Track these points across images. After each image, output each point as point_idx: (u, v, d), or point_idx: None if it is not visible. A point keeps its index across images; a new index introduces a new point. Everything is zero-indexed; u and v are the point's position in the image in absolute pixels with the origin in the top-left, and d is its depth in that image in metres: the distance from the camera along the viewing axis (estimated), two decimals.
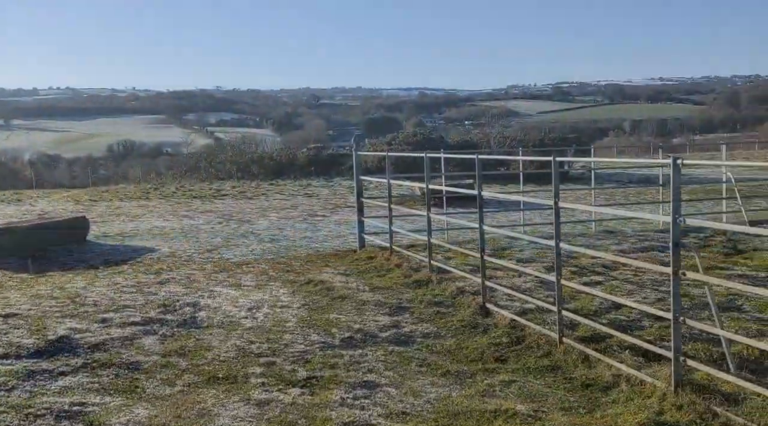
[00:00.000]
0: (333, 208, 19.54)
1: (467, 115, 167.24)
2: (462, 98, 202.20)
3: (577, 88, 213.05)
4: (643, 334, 6.23)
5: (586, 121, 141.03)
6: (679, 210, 4.74)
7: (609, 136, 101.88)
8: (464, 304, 7.66)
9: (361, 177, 11.76)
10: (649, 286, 8.10)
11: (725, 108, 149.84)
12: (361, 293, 8.47)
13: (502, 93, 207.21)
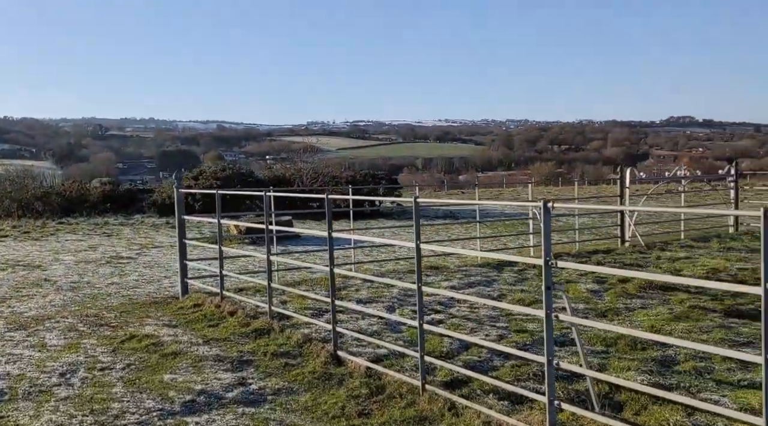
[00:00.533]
0: (139, 249, 17.94)
1: (268, 149, 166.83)
2: (262, 133, 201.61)
3: (373, 127, 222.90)
4: (499, 375, 6.26)
5: (383, 158, 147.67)
6: (550, 252, 4.81)
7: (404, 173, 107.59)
8: (313, 353, 7.22)
9: (185, 216, 10.83)
10: (487, 323, 8.29)
11: (502, 148, 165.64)
12: (195, 347, 7.66)
13: (302, 128, 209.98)
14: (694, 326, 7.71)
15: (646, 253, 13.89)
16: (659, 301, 9.28)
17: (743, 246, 14.55)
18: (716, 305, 8.95)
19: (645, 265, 12.30)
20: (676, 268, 11.67)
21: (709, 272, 11.24)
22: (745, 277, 10.89)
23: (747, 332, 7.53)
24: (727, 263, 12.08)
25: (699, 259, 12.72)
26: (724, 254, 13.41)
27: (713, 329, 7.59)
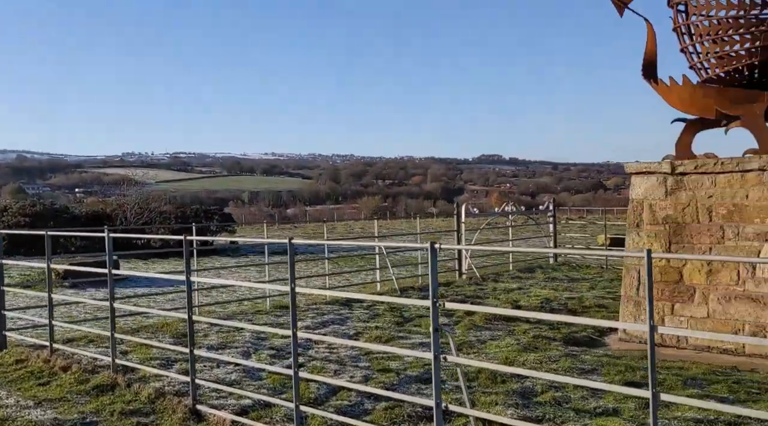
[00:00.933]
0: None
1: (78, 181, 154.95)
2: (71, 164, 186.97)
3: (196, 159, 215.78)
4: (374, 420, 6.12)
5: (207, 192, 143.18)
6: (437, 293, 4.81)
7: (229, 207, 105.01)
8: (168, 408, 6.60)
9: (2, 260, 9.55)
10: (350, 364, 8.14)
11: (329, 182, 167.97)
12: (26, 411, 6.68)
13: (117, 159, 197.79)
14: (543, 356, 8.14)
15: (482, 284, 14.61)
16: (505, 332, 9.73)
17: (564, 275, 15.82)
18: (555, 334, 9.56)
19: (484, 297, 12.89)
20: (515, 299, 12.36)
21: (543, 302, 12.04)
22: (574, 306, 11.80)
23: (590, 360, 8.09)
24: (556, 293, 13.03)
25: (531, 290, 13.60)
26: (550, 284, 14.47)
27: (560, 358, 8.06)
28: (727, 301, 8.78)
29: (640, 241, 9.64)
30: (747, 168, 8.73)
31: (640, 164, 9.72)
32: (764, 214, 8.58)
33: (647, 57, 10.17)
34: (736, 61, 8.95)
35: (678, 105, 9.78)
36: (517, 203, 19.30)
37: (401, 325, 10.40)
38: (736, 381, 7.10)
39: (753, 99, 9.08)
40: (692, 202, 9.19)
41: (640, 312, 9.53)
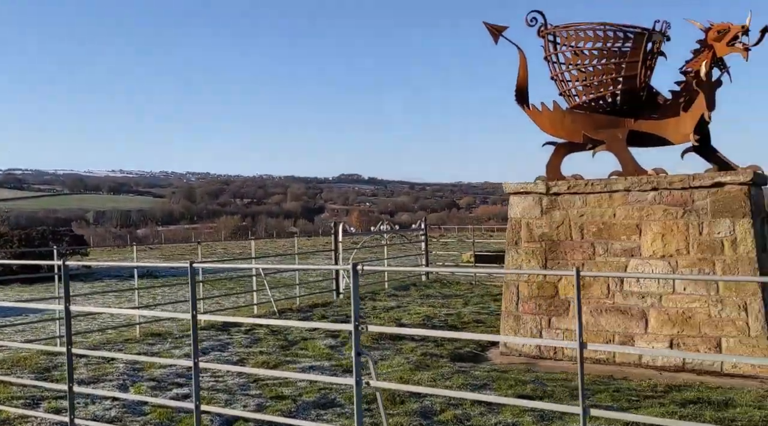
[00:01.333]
0: None
1: None
2: None
3: (33, 176, 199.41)
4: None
5: (46, 211, 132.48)
6: (358, 316, 4.67)
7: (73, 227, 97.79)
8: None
9: None
10: (239, 392, 7.74)
11: (183, 201, 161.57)
12: None
13: None
14: (436, 374, 8.21)
15: (360, 303, 14.58)
16: (393, 351, 9.72)
17: (437, 292, 16.20)
18: (442, 351, 9.71)
19: (364, 316, 12.85)
20: (396, 317, 12.44)
21: (425, 319, 12.22)
22: (454, 322, 12.08)
23: (480, 375, 8.26)
24: (435, 310, 13.28)
25: (409, 307, 13.77)
26: (427, 301, 14.74)
27: (452, 375, 8.17)
28: (599, 314, 9.37)
29: (518, 258, 10.06)
30: (614, 189, 9.41)
31: (518, 184, 10.17)
32: (630, 231, 9.27)
33: (519, 83, 10.71)
34: (602, 90, 9.63)
35: (549, 129, 10.37)
36: (391, 223, 19.56)
37: (287, 348, 10.09)
38: (615, 389, 7.54)
39: (616, 125, 9.83)
40: (566, 220, 9.75)
41: (520, 326, 9.93)
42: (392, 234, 17.88)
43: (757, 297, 8.44)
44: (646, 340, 9.03)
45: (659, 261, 9.04)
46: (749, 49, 8.77)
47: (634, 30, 9.35)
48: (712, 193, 8.79)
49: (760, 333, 8.35)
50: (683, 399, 7.02)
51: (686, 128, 9.40)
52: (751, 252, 8.50)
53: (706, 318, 8.68)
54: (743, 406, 6.61)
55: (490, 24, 10.71)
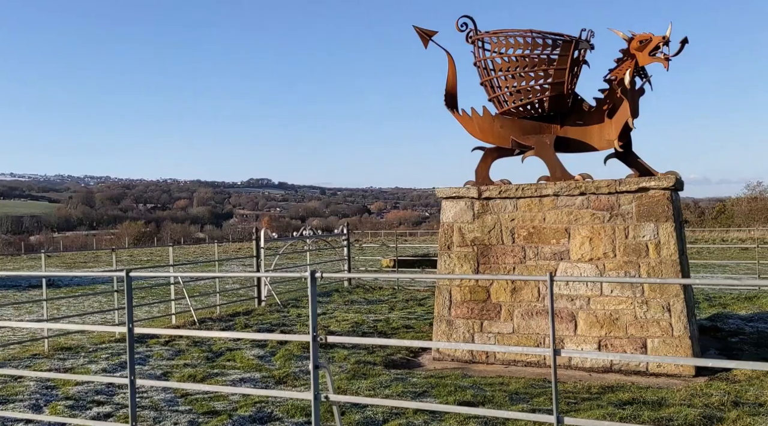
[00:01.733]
0: None
1: None
2: None
3: None
4: None
5: None
6: (316, 327, 4.41)
7: None
8: None
9: None
10: (167, 409, 7.25)
11: (81, 206, 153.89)
12: None
13: None
14: (374, 382, 8.01)
15: (284, 311, 14.20)
16: (325, 360, 9.43)
17: (361, 298, 16.02)
18: (374, 358, 9.52)
19: (290, 324, 12.50)
20: (325, 324, 12.15)
21: (354, 326, 12.00)
22: (384, 328, 11.93)
23: (418, 382, 8.13)
24: (362, 316, 13.09)
25: (336, 314, 13.52)
26: (352, 307, 14.53)
27: (391, 383, 8.00)
28: (530, 317, 9.47)
29: (450, 262, 10.04)
30: (544, 193, 9.55)
31: (450, 189, 10.16)
32: (559, 235, 9.44)
33: (448, 88, 10.74)
34: (530, 96, 9.76)
35: (478, 134, 10.43)
36: (315, 228, 19.19)
37: (212, 360, 9.61)
38: (551, 393, 7.59)
39: (543, 131, 10.01)
40: (497, 224, 9.82)
41: (452, 331, 9.90)
42: (314, 239, 17.54)
43: (679, 298, 8.77)
44: (575, 342, 9.20)
45: (587, 264, 9.25)
46: (669, 59, 9.11)
47: (562, 38, 9.55)
48: (637, 197, 9.08)
49: (683, 333, 8.68)
50: (619, 400, 7.15)
51: (610, 135, 9.68)
52: (673, 255, 8.83)
53: (633, 319, 8.94)
54: (676, 405, 6.80)
55: (420, 28, 10.68)
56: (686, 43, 9.07)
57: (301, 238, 16.58)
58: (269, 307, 14.48)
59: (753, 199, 50.53)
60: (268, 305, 14.74)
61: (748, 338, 10.22)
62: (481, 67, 10.16)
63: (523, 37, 9.60)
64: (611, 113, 9.71)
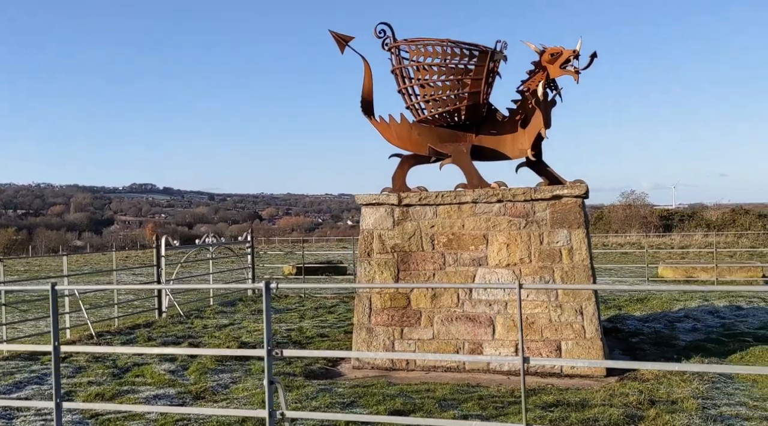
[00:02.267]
0: None
1: None
2: None
3: None
4: None
5: None
6: (272, 340, 4.18)
7: None
8: None
9: None
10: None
11: None
12: None
13: None
14: (300, 395, 7.77)
15: (187, 322, 13.58)
16: (243, 373, 9.09)
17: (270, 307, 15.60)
18: (294, 369, 9.28)
19: (197, 336, 11.96)
20: (236, 336, 11.71)
21: None
22: (298, 337, 11.65)
23: (344, 392, 7.97)
24: (274, 326, 12.73)
25: (244, 324, 13.08)
26: (260, 317, 14.12)
27: (317, 394, 7.79)
28: (450, 322, 9.57)
29: (371, 269, 9.97)
30: (463, 200, 9.69)
31: (370, 196, 10.10)
32: (478, 242, 9.60)
33: (365, 94, 10.70)
34: (448, 105, 9.87)
35: (395, 141, 10.45)
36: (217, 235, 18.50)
37: (119, 376, 9.00)
38: (479, 397, 7.68)
39: (459, 139, 10.17)
40: (417, 231, 9.86)
41: (372, 338, 9.82)
42: (216, 247, 16.93)
43: (591, 301, 9.15)
44: (493, 347, 9.38)
45: (504, 270, 9.46)
46: (579, 72, 9.50)
47: (478, 48, 9.74)
48: (551, 205, 9.41)
49: (595, 334, 9.06)
50: (544, 402, 7.33)
51: (524, 144, 9.97)
52: (585, 260, 9.21)
53: (548, 322, 9.23)
54: (598, 406, 7.06)
55: (336, 33, 10.58)
56: (595, 57, 9.51)
57: (203, 246, 15.94)
58: (171, 319, 13.80)
59: (627, 206, 54.09)
60: (170, 316, 14.04)
61: (647, 338, 10.83)
62: (399, 74, 10.18)
63: (441, 46, 9.71)
64: (524, 123, 10.00)
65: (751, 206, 53.99)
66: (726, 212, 48.36)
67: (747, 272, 19.30)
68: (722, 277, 19.31)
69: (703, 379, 8.00)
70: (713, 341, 10.27)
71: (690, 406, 6.97)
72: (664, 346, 10.25)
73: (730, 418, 6.61)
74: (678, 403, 7.12)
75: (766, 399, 7.33)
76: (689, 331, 11.15)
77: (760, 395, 7.50)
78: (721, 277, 19.24)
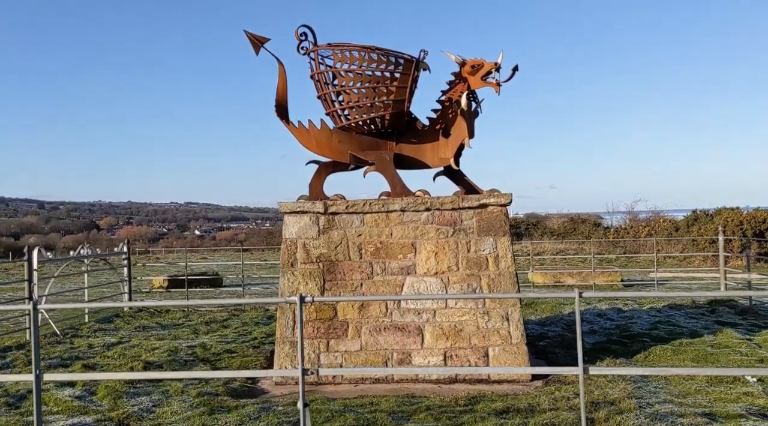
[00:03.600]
0: None
1: None
2: None
3: None
4: None
5: None
6: (303, 360, 3.77)
7: None
8: None
9: None
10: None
11: None
12: None
13: None
14: (241, 416, 7.22)
15: (65, 341, 12.25)
16: (161, 394, 8.31)
17: (154, 323, 14.51)
18: (216, 388, 8.65)
19: (89, 356, 10.79)
20: (136, 354, 10.70)
21: (171, 353, 10.76)
22: (205, 355, 10.90)
23: (287, 411, 7.53)
24: (171, 343, 11.82)
25: (134, 342, 12.02)
26: (147, 333, 13.07)
27: (260, 415, 7.29)
28: (378, 333, 9.39)
29: (295, 280, 9.55)
30: (391, 209, 9.59)
31: (294, 203, 9.69)
32: (406, 250, 9.54)
33: (279, 97, 10.31)
34: (372, 112, 9.72)
35: (314, 148, 10.15)
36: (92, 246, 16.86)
37: (16, 406, 7.86)
38: (427, 408, 7.58)
39: (381, 147, 10.07)
40: (344, 240, 9.60)
41: (297, 352, 9.39)
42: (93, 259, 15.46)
43: (516, 308, 9.39)
44: (422, 356, 9.33)
45: (433, 278, 9.47)
46: (501, 84, 9.74)
47: (404, 57, 9.71)
48: (478, 213, 9.56)
49: (520, 340, 9.30)
50: (493, 410, 7.37)
51: (446, 153, 10.06)
52: (510, 267, 9.45)
53: (475, 329, 9.34)
54: (549, 411, 7.22)
55: (251, 34, 10.12)
56: (517, 70, 9.81)
57: (78, 258, 14.47)
58: (45, 338, 12.36)
59: None
60: (43, 336, 12.57)
61: (553, 342, 11.32)
62: (321, 80, 9.90)
63: (367, 52, 9.56)
64: (445, 133, 10.10)
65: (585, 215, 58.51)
66: (566, 221, 52.17)
67: (608, 277, 20.92)
68: (585, 281, 20.76)
69: (627, 380, 8.47)
70: (615, 342, 10.94)
71: (628, 406, 7.32)
72: (572, 348, 10.75)
73: (668, 415, 7.02)
74: (616, 403, 7.46)
75: (685, 395, 7.89)
76: (588, 333, 11.80)
77: (679, 392, 8.06)
78: (584, 282, 20.68)
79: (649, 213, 43.10)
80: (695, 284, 20.21)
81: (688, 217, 34.00)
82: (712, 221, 31.07)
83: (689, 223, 33.02)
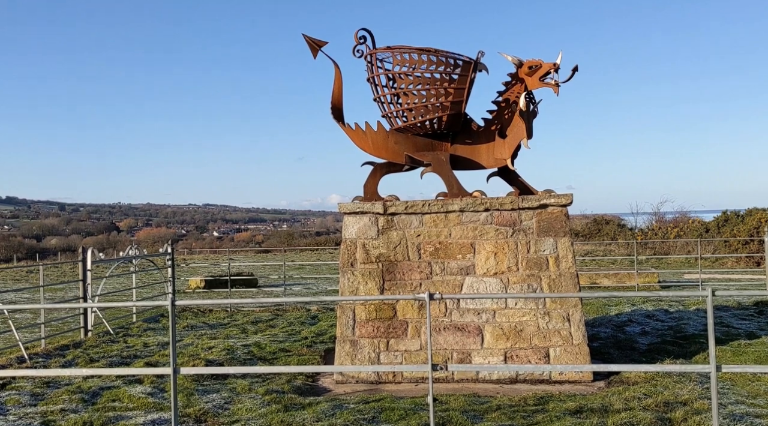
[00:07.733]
0: None
1: None
2: None
3: None
4: None
5: None
6: (431, 357, 3.83)
7: None
8: None
9: None
10: None
11: None
12: None
13: None
14: (316, 411, 7.29)
15: (119, 340, 12.41)
16: (230, 392, 8.42)
17: (200, 322, 14.64)
18: (282, 386, 8.73)
19: (147, 355, 10.93)
20: (194, 353, 10.83)
21: (228, 352, 10.87)
22: (262, 354, 11.00)
23: (361, 408, 7.59)
24: (225, 342, 11.94)
25: (186, 341, 12.15)
26: (197, 332, 13.20)
27: (335, 411, 7.36)
28: (437, 332, 9.44)
29: (355, 280, 9.62)
30: (450, 209, 9.63)
31: (354, 204, 9.77)
32: (465, 250, 9.57)
33: (334, 100, 10.42)
34: (429, 114, 9.76)
35: (370, 149, 10.22)
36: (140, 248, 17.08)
37: (92, 402, 8.00)
38: (497, 407, 7.60)
39: (436, 148, 10.12)
40: (403, 240, 9.66)
41: (357, 351, 9.47)
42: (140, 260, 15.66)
43: (578, 308, 9.40)
44: (482, 356, 9.36)
45: (492, 278, 9.50)
46: (559, 85, 9.75)
47: (462, 58, 9.75)
48: (537, 213, 9.58)
49: (581, 340, 9.31)
50: (566, 409, 7.38)
51: (503, 154, 10.08)
52: (571, 267, 9.46)
53: (536, 330, 9.36)
54: (624, 411, 7.20)
55: (310, 38, 10.25)
56: (576, 70, 9.80)
57: (128, 259, 14.66)
58: (100, 338, 12.54)
59: None
60: (97, 335, 12.76)
61: (607, 343, 11.30)
62: (378, 83, 9.96)
63: (426, 55, 9.61)
64: (502, 133, 10.12)
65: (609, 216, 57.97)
66: (590, 222, 51.75)
67: (645, 278, 20.80)
68: (622, 282, 20.66)
69: (693, 380, 8.44)
70: (670, 343, 10.90)
71: (702, 406, 7.30)
72: (627, 349, 10.74)
73: (745, 416, 6.99)
74: (689, 404, 7.44)
75: (755, 396, 7.85)
76: (641, 334, 11.77)
77: (747, 393, 8.02)
78: (620, 283, 20.58)
79: (675, 214, 42.76)
80: (733, 285, 20.04)
81: (718, 218, 33.65)
82: (743, 222, 30.76)
83: (719, 224, 32.71)
